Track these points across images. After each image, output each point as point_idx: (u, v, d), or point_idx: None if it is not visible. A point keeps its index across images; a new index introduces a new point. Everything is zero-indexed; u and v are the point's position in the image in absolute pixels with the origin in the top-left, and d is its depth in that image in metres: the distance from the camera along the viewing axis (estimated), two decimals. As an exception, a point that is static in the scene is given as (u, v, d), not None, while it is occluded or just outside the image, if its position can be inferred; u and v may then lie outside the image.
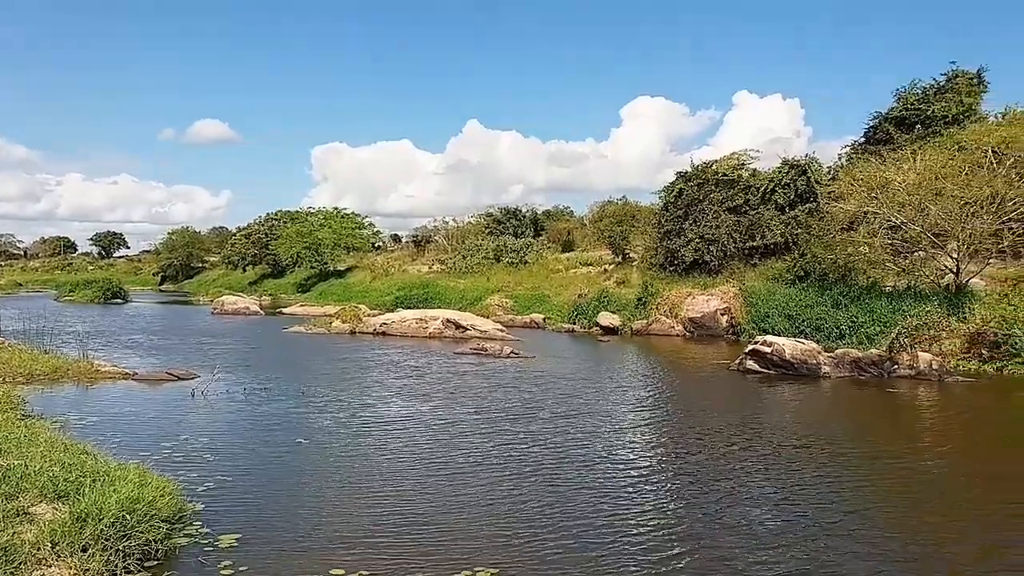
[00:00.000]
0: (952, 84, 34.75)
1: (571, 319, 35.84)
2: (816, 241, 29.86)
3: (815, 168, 34.44)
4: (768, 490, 10.01)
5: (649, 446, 12.68)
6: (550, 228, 61.51)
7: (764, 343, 20.77)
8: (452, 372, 20.93)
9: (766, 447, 12.41)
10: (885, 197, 26.65)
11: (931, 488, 10.30)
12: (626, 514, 8.93)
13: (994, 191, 24.47)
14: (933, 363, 19.61)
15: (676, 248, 36.14)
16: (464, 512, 8.97)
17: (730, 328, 30.69)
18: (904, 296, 25.78)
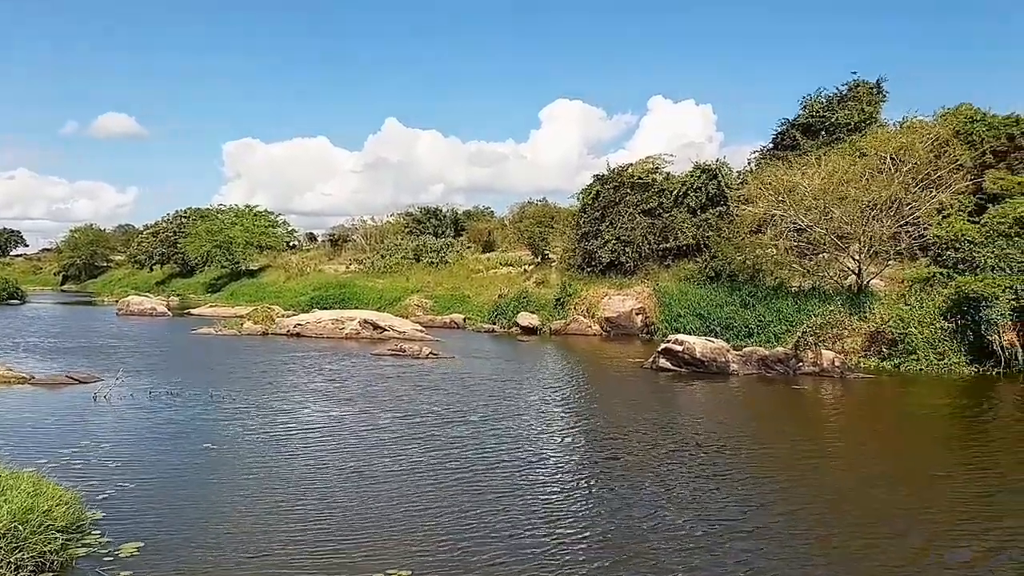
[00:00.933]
0: (854, 93, 36.42)
1: (491, 319, 35.93)
2: (726, 243, 30.80)
3: (725, 172, 35.55)
4: (686, 492, 10.04)
5: (567, 448, 12.73)
6: (471, 228, 61.53)
7: (676, 342, 21.30)
8: (369, 374, 20.67)
9: (681, 447, 12.62)
10: (791, 201, 27.71)
11: (841, 486, 10.74)
12: (545, 518, 8.91)
13: (893, 195, 25.77)
14: (836, 360, 20.49)
15: (594, 249, 36.70)
16: (380, 520, 8.80)
17: (645, 327, 31.35)
18: (809, 296, 26.87)
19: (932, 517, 9.04)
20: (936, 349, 21.21)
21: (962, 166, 26.67)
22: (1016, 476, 10.95)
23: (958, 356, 20.94)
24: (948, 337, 21.27)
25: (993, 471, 11.19)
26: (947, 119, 31.07)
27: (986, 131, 30.22)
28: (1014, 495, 9.89)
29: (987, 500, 9.68)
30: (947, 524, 8.75)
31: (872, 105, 35.83)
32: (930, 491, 10.21)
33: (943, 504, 9.51)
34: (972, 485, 10.34)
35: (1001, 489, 10.18)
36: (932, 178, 26.27)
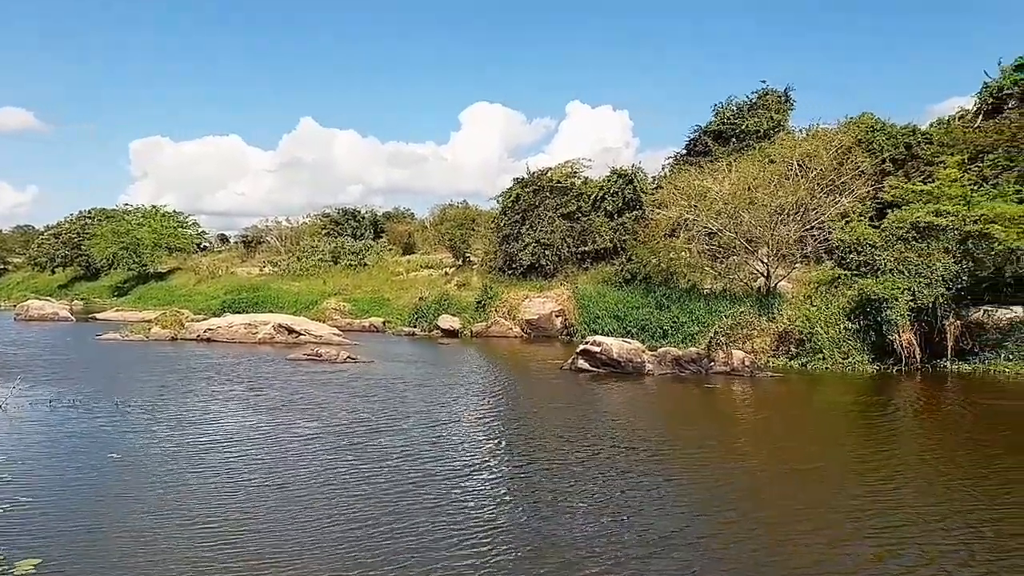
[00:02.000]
0: (763, 101, 37.78)
1: (412, 322, 35.65)
2: (642, 246, 31.44)
3: (641, 178, 36.36)
4: (608, 496, 10.09)
5: (491, 455, 12.61)
6: (390, 230, 60.89)
7: (594, 343, 21.62)
8: (284, 379, 20.18)
9: (601, 450, 12.75)
10: (703, 205, 28.53)
11: (752, 484, 11.09)
12: (463, 526, 8.85)
13: (799, 201, 26.83)
14: (746, 360, 21.18)
15: (514, 252, 36.91)
16: (292, 532, 8.59)
17: (564, 329, 31.70)
18: (720, 298, 27.68)
19: (840, 514, 9.37)
20: (840, 348, 22.17)
21: (863, 173, 27.98)
22: (918, 471, 11.51)
23: (861, 355, 21.95)
24: (852, 337, 22.27)
25: (896, 467, 11.71)
26: (850, 128, 32.55)
27: (886, 140, 31.80)
28: (917, 490, 10.38)
29: (892, 495, 10.11)
30: (854, 520, 9.09)
31: (780, 113, 37.24)
32: (837, 487, 10.60)
33: (850, 500, 9.86)
34: (877, 480, 10.79)
35: (904, 485, 10.65)
36: (836, 184, 27.47)
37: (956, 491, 10.27)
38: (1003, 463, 11.73)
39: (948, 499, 9.91)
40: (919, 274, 21.32)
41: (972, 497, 10.00)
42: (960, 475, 11.11)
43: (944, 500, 9.87)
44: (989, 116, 31.59)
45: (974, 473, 11.18)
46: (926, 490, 10.32)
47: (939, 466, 11.71)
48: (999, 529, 8.81)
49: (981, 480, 10.80)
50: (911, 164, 30.53)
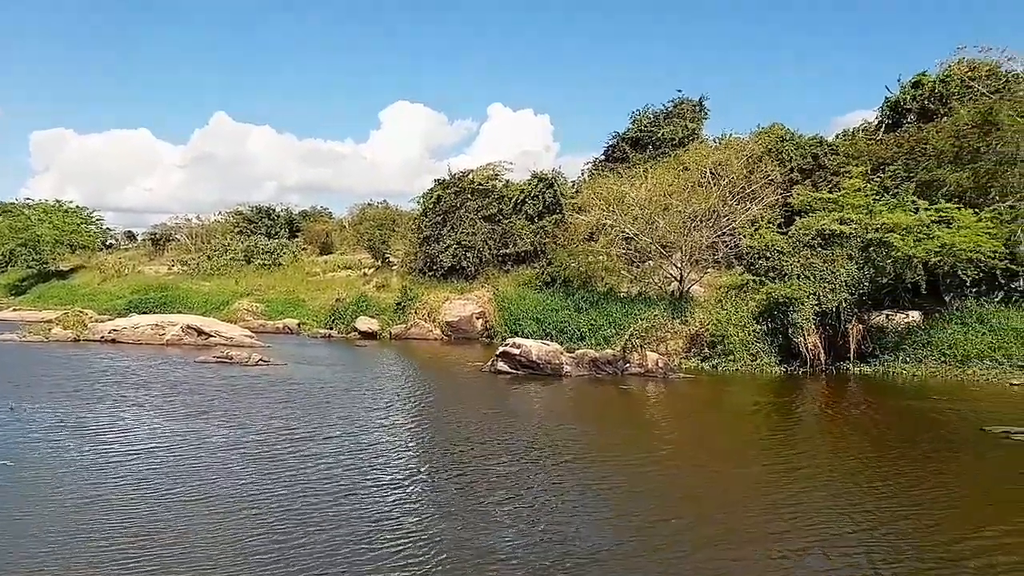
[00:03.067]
0: (678, 110, 38.81)
1: (328, 324, 34.98)
2: (561, 250, 31.78)
3: (561, 182, 36.77)
4: (531, 503, 9.93)
5: (411, 461, 12.39)
6: (307, 229, 59.59)
7: (513, 345, 21.72)
8: (194, 383, 19.47)
9: (524, 454, 12.70)
10: (621, 210, 29.06)
11: (664, 487, 11.31)
12: (388, 540, 8.60)
13: (711, 207, 27.63)
14: (660, 362, 21.67)
15: (435, 253, 36.72)
16: (208, 548, 8.25)
17: (485, 331, 31.71)
18: (636, 301, 28.24)
19: (748, 515, 9.61)
20: (750, 350, 22.91)
21: (773, 181, 29.02)
22: (824, 470, 11.96)
23: (769, 357, 22.74)
24: (760, 339, 23.04)
25: (802, 465, 12.16)
26: (760, 137, 33.74)
27: (794, 150, 33.07)
28: (822, 490, 10.75)
29: (798, 496, 10.41)
30: (763, 522, 9.33)
31: (695, 122, 38.33)
32: (743, 488, 10.92)
33: (759, 501, 10.12)
34: (783, 480, 11.16)
35: (809, 487, 11.01)
36: (746, 192, 28.44)
37: (860, 487, 10.75)
38: (903, 460, 12.32)
39: (851, 495, 10.36)
40: (824, 279, 22.21)
41: (875, 492, 10.47)
42: (864, 471, 11.63)
43: (847, 496, 10.31)
44: (890, 129, 33.24)
45: (876, 470, 11.72)
46: (833, 488, 10.71)
47: (844, 464, 12.23)
48: (900, 524, 9.24)
49: (883, 477, 11.32)
50: (818, 173, 31.82)
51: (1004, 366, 20.67)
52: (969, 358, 21.23)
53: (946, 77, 32.65)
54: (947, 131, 26.59)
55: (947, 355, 21.59)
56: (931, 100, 32.44)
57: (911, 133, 30.14)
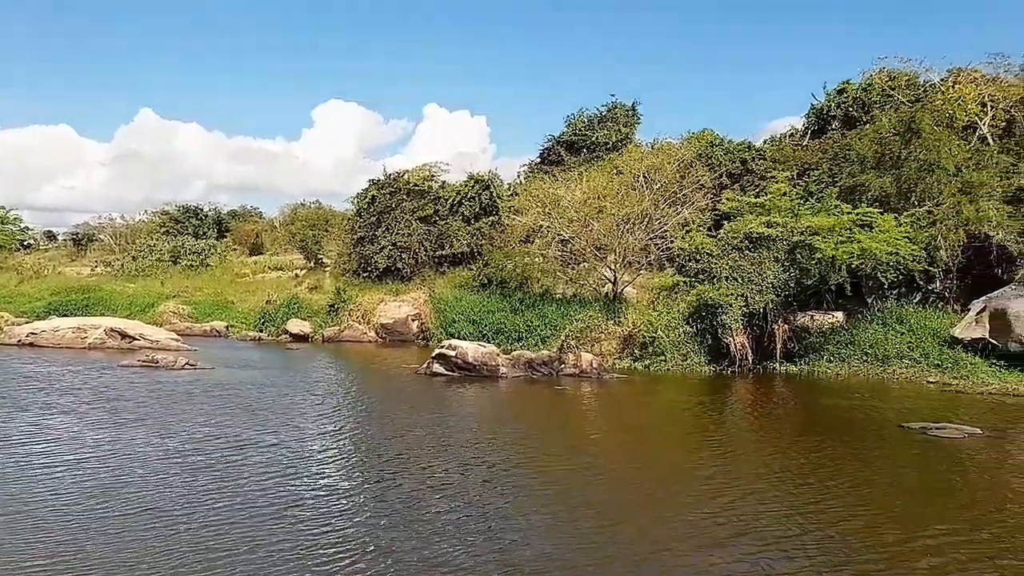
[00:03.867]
0: (612, 114, 39.36)
1: (258, 327, 34.22)
2: (498, 251, 31.85)
3: (497, 184, 36.89)
4: (470, 511, 9.75)
5: (345, 469, 12.05)
6: (236, 229, 58.18)
7: (450, 347, 21.64)
8: (117, 389, 18.75)
9: (460, 458, 12.63)
10: (557, 213, 29.29)
11: (612, 487, 11.41)
12: (323, 551, 8.40)
13: (644, 211, 28.09)
14: (594, 362, 21.91)
15: (370, 255, 36.37)
16: (133, 566, 7.94)
17: (421, 333, 31.49)
18: (572, 302, 28.50)
19: (691, 520, 9.61)
20: (680, 351, 23.37)
21: (703, 186, 29.67)
22: (753, 466, 12.25)
23: (699, 357, 23.23)
24: (690, 340, 23.52)
25: (737, 466, 12.39)
26: (692, 143, 34.49)
27: (723, 155, 33.90)
28: (759, 491, 10.94)
29: (738, 498, 10.54)
30: (707, 527, 9.30)
31: (628, 126, 38.93)
32: (683, 491, 11.07)
33: (701, 506, 10.09)
34: (720, 482, 11.29)
35: (747, 488, 11.21)
36: (678, 196, 28.99)
37: (794, 486, 11.07)
38: (831, 459, 12.74)
39: (788, 495, 10.65)
40: (751, 281, 22.81)
41: (810, 492, 10.80)
42: (795, 470, 11.96)
43: (786, 497, 10.59)
44: (816, 135, 34.43)
45: (807, 469, 12.08)
46: (771, 489, 10.90)
47: (776, 463, 12.55)
48: (824, 517, 9.54)
49: (815, 476, 11.68)
50: (746, 178, 32.70)
51: (922, 365, 21.56)
52: (889, 357, 22.08)
53: (868, 86, 34.01)
54: (869, 137, 27.63)
55: (869, 354, 22.41)
56: (854, 107, 33.73)
57: (835, 139, 31.27)
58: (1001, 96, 28.70)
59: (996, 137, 28.21)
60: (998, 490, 10.83)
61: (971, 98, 28.42)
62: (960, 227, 23.83)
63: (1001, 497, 10.47)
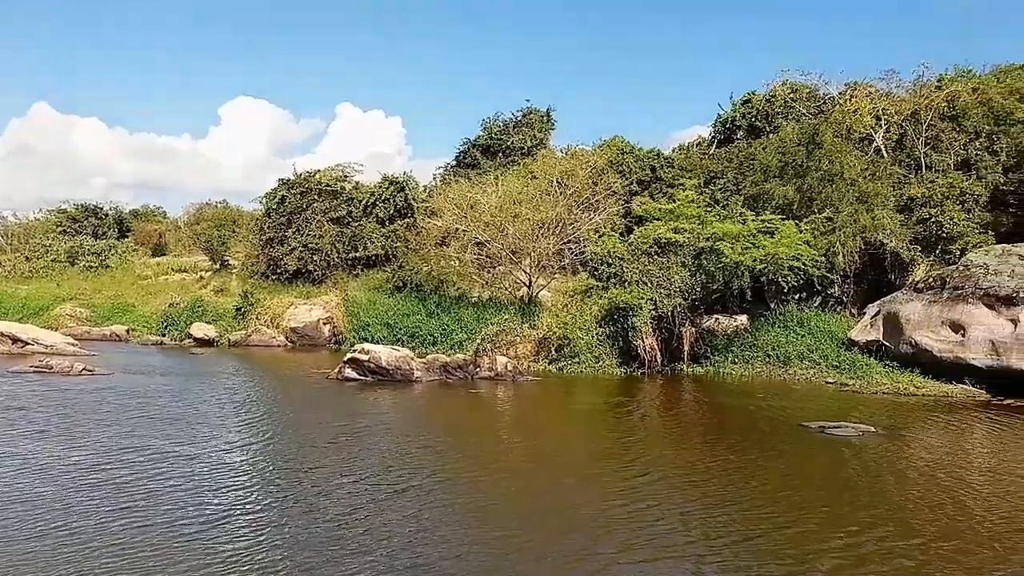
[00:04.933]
0: (527, 119, 39.65)
1: (160, 331, 32.93)
2: (413, 254, 31.62)
3: (412, 186, 36.65)
4: (383, 527, 9.29)
5: (251, 482, 11.35)
6: (138, 229, 55.76)
7: (362, 351, 21.31)
8: (7, 396, 17.66)
9: (372, 468, 12.32)
10: (473, 216, 29.29)
11: (529, 495, 11.42)
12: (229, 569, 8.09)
13: (558, 216, 28.41)
14: (509, 365, 21.99)
15: (279, 256, 35.52)
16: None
17: (333, 337, 30.96)
18: (488, 306, 28.56)
19: (610, 526, 9.55)
20: (593, 353, 23.73)
21: (615, 192, 30.24)
22: (671, 473, 12.43)
23: (611, 359, 23.64)
24: (603, 342, 23.92)
25: (651, 469, 12.49)
26: (604, 149, 35.10)
27: (634, 162, 34.60)
28: (677, 494, 11.12)
29: (654, 503, 10.53)
30: (628, 532, 9.23)
31: (542, 132, 39.31)
32: (600, 496, 11.05)
33: (618, 511, 10.02)
34: (636, 484, 11.34)
35: (662, 491, 11.35)
36: (591, 202, 29.46)
37: (695, 483, 11.34)
38: (732, 455, 13.14)
39: (688, 491, 10.91)
40: (660, 285, 23.37)
41: (708, 486, 11.10)
42: (704, 470, 12.28)
43: (685, 491, 10.85)
44: (722, 144, 35.56)
45: (716, 469, 12.41)
46: (685, 491, 11.06)
47: (687, 462, 12.89)
48: (730, 517, 9.82)
49: (714, 473, 12.01)
50: (655, 185, 33.48)
51: (821, 366, 22.52)
52: (790, 359, 22.99)
53: (771, 97, 35.35)
54: (773, 147, 28.75)
55: (771, 356, 23.28)
56: (758, 118, 34.99)
57: (740, 148, 32.39)
58: (894, 110, 30.36)
59: (889, 149, 29.83)
60: (890, 486, 11.39)
61: (867, 111, 29.96)
62: (857, 234, 25.08)
63: (893, 493, 11.02)
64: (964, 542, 8.94)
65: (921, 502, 10.49)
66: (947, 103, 29.62)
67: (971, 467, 12.75)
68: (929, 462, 13.00)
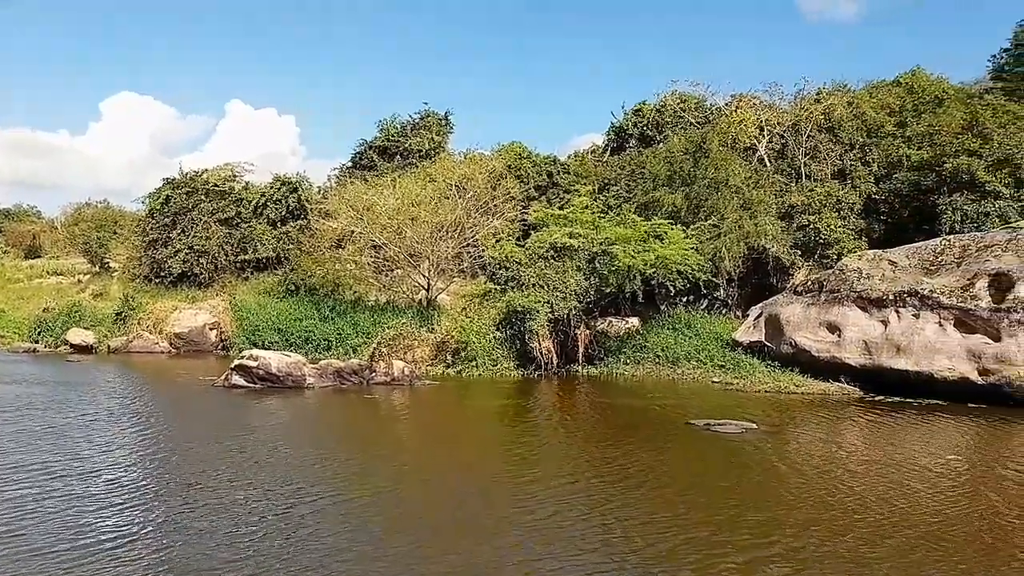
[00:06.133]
0: (425, 122, 39.47)
1: (33, 337, 30.89)
2: (307, 257, 30.88)
3: (306, 187, 35.84)
4: (277, 549, 8.77)
5: (136, 500, 10.51)
6: (10, 230, 52.56)
7: (251, 357, 20.61)
8: None
9: (261, 479, 11.76)
10: (369, 219, 28.87)
11: (429, 505, 11.26)
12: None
13: (457, 219, 28.38)
14: (406, 369, 21.74)
15: (163, 259, 34.03)
16: None
17: (220, 343, 29.85)
18: (385, 309, 28.21)
19: (513, 536, 9.33)
20: (491, 356, 23.78)
21: (513, 197, 30.48)
22: (568, 473, 12.41)
23: (509, 362, 23.75)
24: (500, 345, 24.01)
25: (550, 472, 12.49)
26: (502, 154, 35.33)
27: (531, 168, 35.00)
28: (579, 497, 11.03)
29: (557, 508, 10.30)
30: (535, 541, 9.06)
31: (441, 135, 39.21)
32: (501, 503, 10.85)
33: (520, 518, 9.86)
34: (534, 489, 11.24)
35: (563, 493, 11.32)
36: (489, 206, 29.57)
37: (589, 481, 11.50)
38: (623, 453, 13.43)
39: (583, 490, 11.05)
40: (556, 289, 23.66)
41: (601, 484, 11.28)
42: (591, 466, 12.48)
43: (579, 491, 10.98)
44: (615, 152, 36.43)
45: (601, 465, 12.63)
46: (586, 493, 11.06)
47: (575, 460, 13.06)
48: (621, 514, 10.01)
49: (607, 472, 12.22)
50: (552, 190, 33.98)
51: (707, 366, 23.34)
52: (679, 359, 23.72)
53: (662, 107, 36.48)
54: (662, 156, 29.66)
55: (661, 357, 23.96)
56: (649, 127, 36.03)
57: (633, 156, 33.27)
58: (776, 121, 31.90)
59: (772, 158, 31.32)
60: (770, 478, 11.91)
61: (751, 122, 31.35)
62: (742, 240, 26.19)
63: (773, 484, 11.53)
64: (837, 524, 9.49)
65: (799, 491, 11.06)
66: (824, 116, 31.35)
67: (844, 458, 13.50)
68: (806, 455, 13.70)
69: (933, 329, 19.59)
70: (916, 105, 31.53)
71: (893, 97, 32.51)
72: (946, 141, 27.42)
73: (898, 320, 20.22)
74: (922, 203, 27.51)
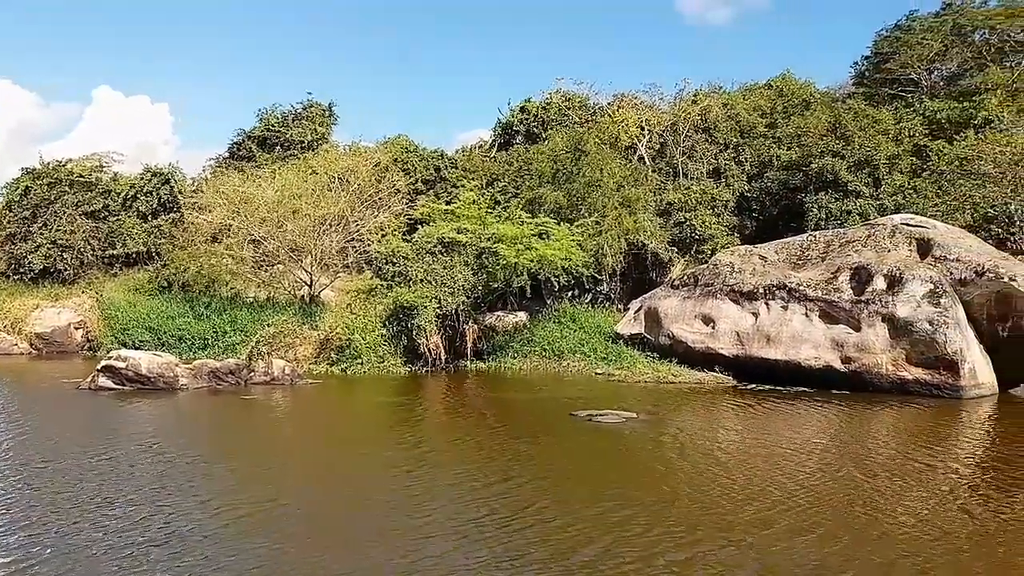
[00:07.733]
0: (308, 112, 38.33)
1: None
2: (180, 251, 29.47)
3: (179, 178, 34.15)
4: (130, 563, 8.40)
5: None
6: None
7: (119, 358, 19.49)
8: None
9: (121, 488, 11.06)
10: (247, 212, 27.83)
11: (315, 516, 10.94)
12: None
13: (340, 213, 27.76)
14: (287, 368, 21.10)
15: (22, 254, 31.74)
16: None
17: (86, 343, 28.12)
18: (265, 306, 27.25)
19: (406, 541, 9.14)
20: (377, 353, 23.43)
21: (399, 191, 30.11)
22: (457, 469, 12.39)
23: (396, 358, 23.47)
24: (387, 342, 23.68)
25: (441, 469, 12.39)
26: (388, 147, 34.82)
27: (418, 161, 34.65)
28: (442, 487, 11.22)
29: (447, 508, 10.21)
30: (401, 536, 9.11)
31: (324, 126, 38.17)
32: (390, 504, 10.58)
33: (411, 521, 9.65)
34: (423, 488, 11.09)
35: (427, 490, 11.30)
36: (375, 199, 29.10)
37: (474, 477, 11.54)
38: (509, 446, 13.58)
39: (471, 485, 11.09)
40: (444, 284, 23.62)
41: (487, 478, 11.33)
42: (477, 460, 12.53)
43: (467, 486, 11.02)
44: (502, 148, 36.55)
45: (487, 459, 12.74)
46: (453, 481, 11.29)
47: (460, 455, 13.11)
48: (509, 506, 10.08)
49: (494, 465, 12.31)
50: (440, 185, 33.77)
51: (591, 358, 23.84)
52: (564, 352, 24.15)
53: (547, 104, 36.92)
54: (545, 154, 30.06)
55: (547, 350, 24.32)
56: (535, 124, 36.38)
57: (519, 153, 33.53)
58: (656, 121, 32.91)
59: (651, 158, 32.30)
60: (647, 464, 12.43)
61: (632, 121, 32.23)
62: (622, 236, 26.91)
63: (650, 469, 12.02)
64: (708, 501, 10.12)
65: (672, 474, 11.65)
66: (701, 116, 32.59)
67: (716, 442, 14.23)
68: (682, 441, 14.30)
69: (800, 320, 20.76)
70: (786, 107, 33.20)
71: (764, 99, 34.10)
72: (812, 142, 29.03)
73: (768, 312, 21.32)
74: (791, 201, 29.04)
